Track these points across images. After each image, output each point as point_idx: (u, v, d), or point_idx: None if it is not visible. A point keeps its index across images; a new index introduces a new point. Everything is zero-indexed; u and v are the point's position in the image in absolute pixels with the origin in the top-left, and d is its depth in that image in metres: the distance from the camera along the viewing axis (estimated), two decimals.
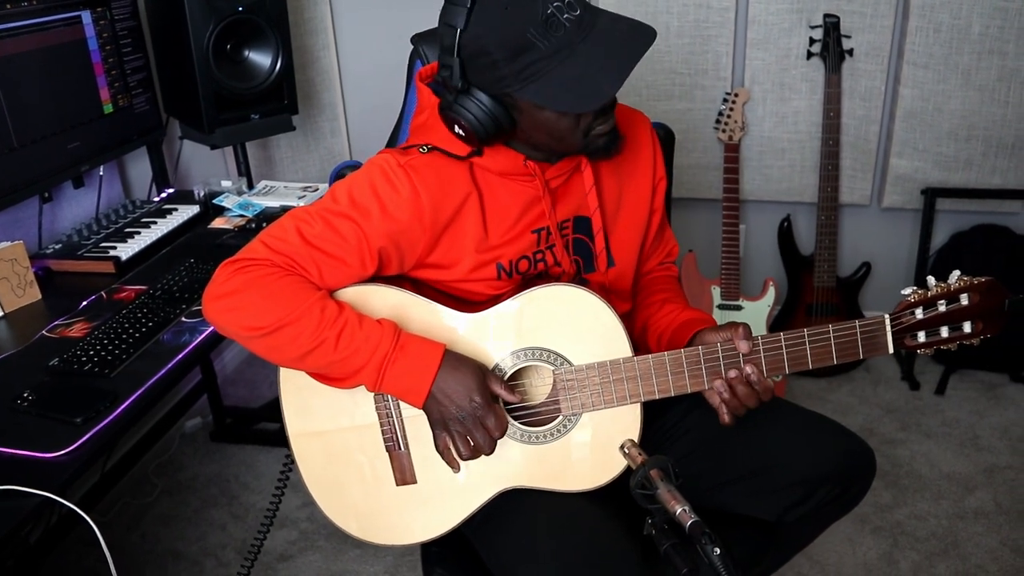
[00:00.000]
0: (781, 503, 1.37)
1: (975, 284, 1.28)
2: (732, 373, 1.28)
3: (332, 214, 1.25)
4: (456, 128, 1.24)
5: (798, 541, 1.52)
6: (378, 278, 1.30)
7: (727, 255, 2.81)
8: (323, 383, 1.27)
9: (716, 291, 2.84)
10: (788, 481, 1.36)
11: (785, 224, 2.91)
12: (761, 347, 1.28)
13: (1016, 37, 2.59)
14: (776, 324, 2.91)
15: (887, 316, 1.29)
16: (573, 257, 1.39)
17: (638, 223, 1.46)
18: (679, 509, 0.98)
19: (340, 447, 1.33)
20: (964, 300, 1.28)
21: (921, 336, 1.30)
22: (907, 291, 1.29)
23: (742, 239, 2.98)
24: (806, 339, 1.28)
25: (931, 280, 1.29)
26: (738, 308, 2.84)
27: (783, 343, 1.28)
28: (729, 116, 2.75)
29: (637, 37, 1.16)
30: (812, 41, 2.69)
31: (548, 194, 1.33)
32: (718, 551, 0.93)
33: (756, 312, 2.83)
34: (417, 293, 1.30)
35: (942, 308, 1.28)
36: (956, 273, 1.28)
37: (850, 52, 2.68)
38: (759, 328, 2.83)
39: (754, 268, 3.10)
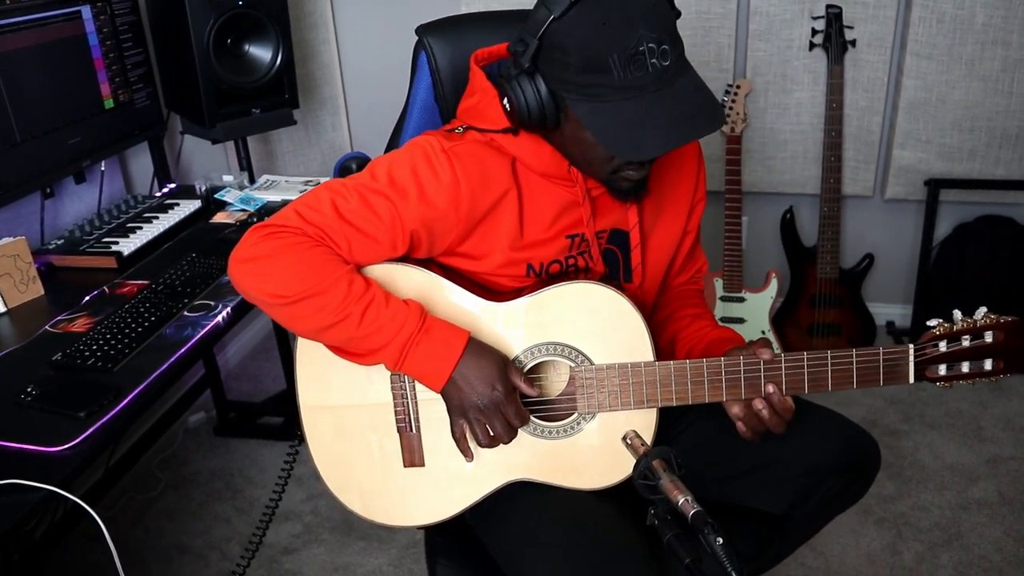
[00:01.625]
0: (786, 496, 1.37)
1: (1001, 323, 1.26)
2: (758, 403, 1.27)
3: (369, 191, 1.24)
4: (504, 101, 1.23)
5: (803, 533, 1.52)
6: (406, 259, 1.30)
7: (729, 247, 2.80)
8: (342, 357, 1.26)
9: (719, 283, 2.84)
10: (793, 474, 1.35)
11: (788, 216, 2.91)
12: (783, 365, 1.27)
13: (1020, 27, 2.58)
14: (779, 316, 2.91)
15: (912, 347, 1.27)
16: (604, 267, 1.38)
17: (670, 243, 1.45)
18: (681, 499, 0.98)
19: (351, 423, 1.33)
20: (988, 337, 1.27)
21: (942, 369, 1.28)
22: (933, 323, 1.28)
23: (744, 231, 2.98)
24: (828, 361, 1.27)
25: (957, 314, 1.27)
26: (741, 300, 2.84)
27: (805, 363, 1.27)
28: (731, 108, 2.74)
29: (703, 119, 1.14)
30: (814, 32, 2.69)
31: (589, 201, 1.32)
32: (720, 541, 0.93)
33: (758, 304, 2.83)
34: (445, 277, 1.29)
35: (966, 343, 1.27)
36: (983, 309, 1.27)
37: (852, 43, 2.68)
38: (762, 320, 2.83)
39: (757, 260, 3.09)
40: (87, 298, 1.78)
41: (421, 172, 1.24)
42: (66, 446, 1.30)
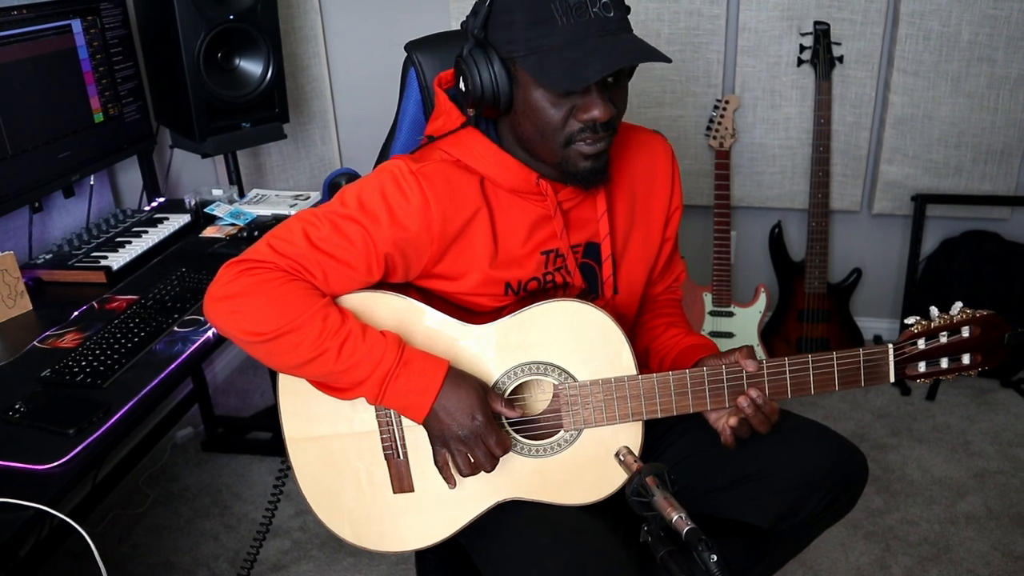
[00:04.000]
0: (774, 509, 1.37)
1: (976, 317, 1.29)
2: (742, 401, 1.28)
3: (340, 217, 1.24)
4: (460, 82, 1.24)
5: (791, 547, 1.52)
6: (384, 285, 1.30)
7: (718, 261, 2.82)
8: (324, 392, 1.26)
9: (708, 297, 2.85)
10: (781, 487, 1.36)
11: (776, 230, 2.92)
12: (765, 371, 1.29)
13: (1005, 44, 2.61)
14: (767, 330, 2.92)
15: (891, 345, 1.30)
16: (582, 283, 1.38)
17: (648, 254, 1.46)
18: (675, 516, 0.98)
19: (338, 453, 1.33)
20: (965, 332, 1.30)
21: (921, 366, 1.31)
22: (910, 320, 1.31)
23: (733, 245, 2.99)
24: (810, 365, 1.29)
25: (934, 311, 1.31)
26: (730, 314, 2.85)
27: (787, 368, 1.29)
28: (720, 123, 2.76)
29: (644, 53, 1.16)
30: (802, 48, 2.71)
31: (560, 214, 1.32)
32: (715, 558, 0.93)
33: (747, 318, 2.84)
34: (423, 302, 1.29)
35: (943, 339, 1.30)
36: (958, 305, 1.30)
37: (840, 59, 2.70)
38: (751, 334, 2.84)
39: (745, 274, 3.10)
40: (76, 313, 1.77)
41: (390, 195, 1.24)
42: (55, 464, 1.29)
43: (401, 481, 1.32)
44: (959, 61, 2.66)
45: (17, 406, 1.41)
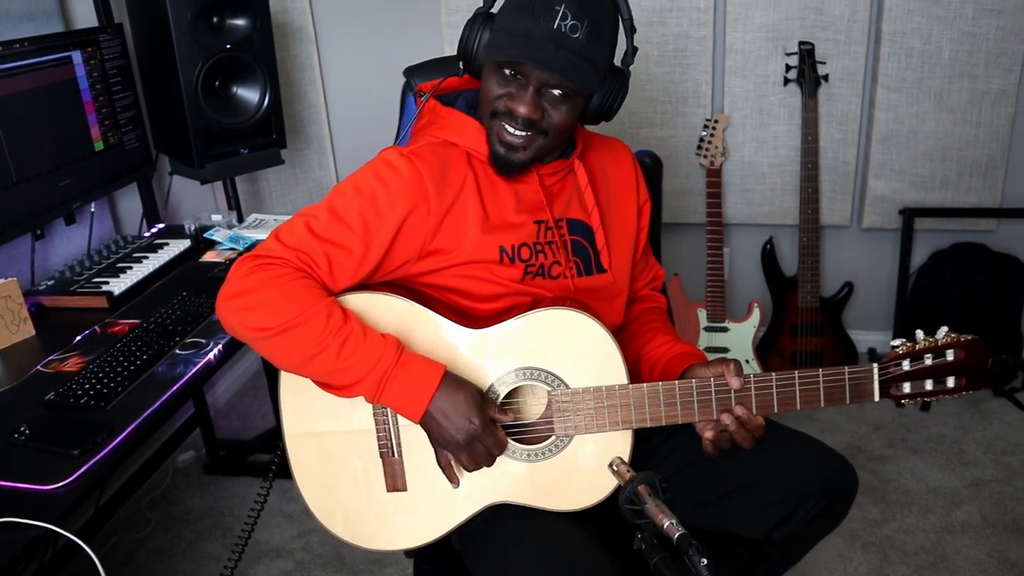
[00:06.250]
0: (765, 521, 1.39)
1: (961, 341, 1.32)
2: (725, 418, 1.32)
3: (338, 204, 1.31)
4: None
5: (785, 559, 1.53)
6: (386, 286, 1.34)
7: (712, 278, 2.85)
8: (325, 390, 1.30)
9: (702, 314, 2.88)
10: (771, 499, 1.38)
11: (768, 246, 2.96)
12: (752, 386, 1.32)
13: (985, 60, 2.67)
14: (762, 345, 2.94)
15: (875, 366, 1.33)
16: (572, 259, 1.43)
17: (628, 237, 1.53)
18: (667, 523, 1.01)
19: (334, 449, 1.36)
20: (950, 356, 1.33)
21: (906, 387, 1.34)
22: (896, 342, 1.34)
23: (726, 262, 3.03)
24: (796, 381, 1.32)
25: (919, 334, 1.34)
26: (724, 330, 2.88)
27: (774, 384, 1.32)
28: (710, 142, 2.80)
29: (558, 71, 1.24)
30: (788, 68, 2.76)
31: (543, 188, 1.40)
32: (705, 562, 0.95)
33: (742, 334, 2.87)
34: (423, 305, 1.33)
35: (928, 362, 1.33)
36: (944, 329, 1.33)
37: (825, 78, 2.75)
38: (745, 349, 2.87)
39: (739, 290, 3.14)
40: (79, 338, 1.79)
41: (384, 175, 1.32)
42: (60, 484, 1.31)
43: (395, 480, 1.35)
44: (941, 77, 2.71)
45: (22, 428, 1.44)
